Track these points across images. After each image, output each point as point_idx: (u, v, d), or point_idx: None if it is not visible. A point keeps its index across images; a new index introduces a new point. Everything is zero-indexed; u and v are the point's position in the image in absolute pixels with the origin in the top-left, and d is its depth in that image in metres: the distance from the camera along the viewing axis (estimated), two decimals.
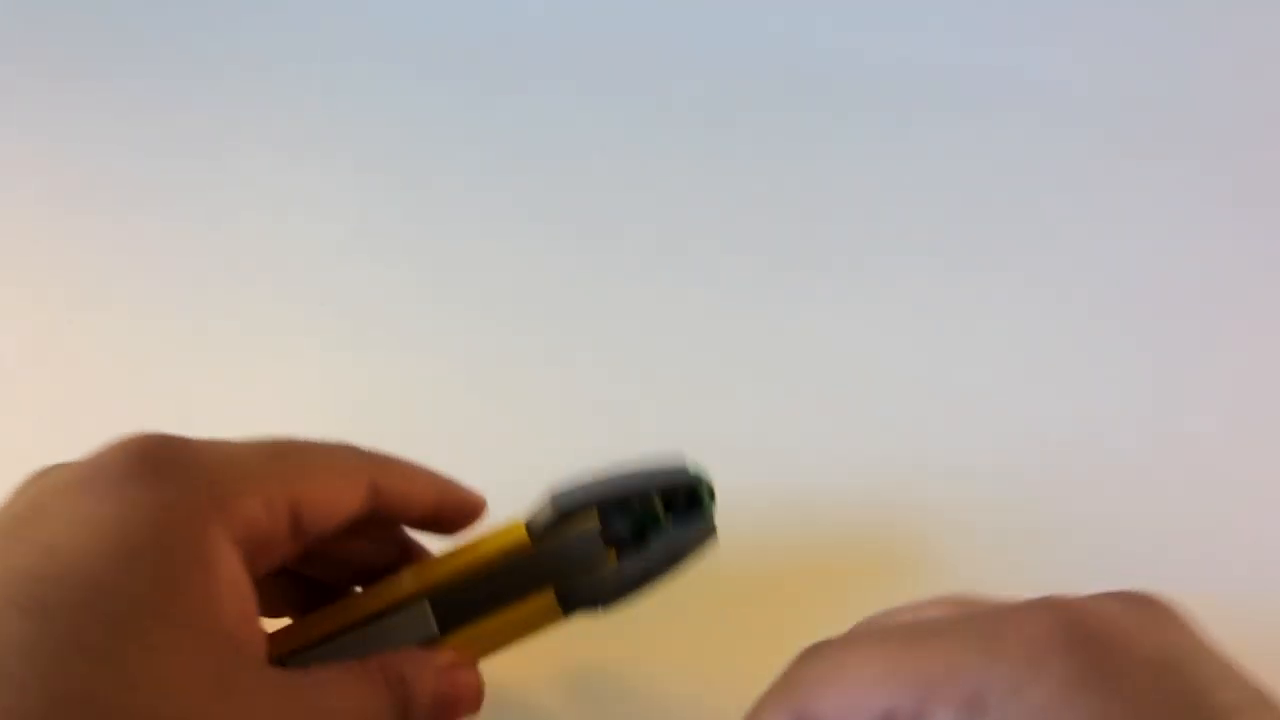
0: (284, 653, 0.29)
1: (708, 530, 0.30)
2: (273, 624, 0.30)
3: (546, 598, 0.29)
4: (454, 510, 0.30)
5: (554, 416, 0.47)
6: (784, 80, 0.68)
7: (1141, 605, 0.22)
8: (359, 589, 0.31)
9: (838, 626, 0.26)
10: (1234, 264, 0.55)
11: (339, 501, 0.27)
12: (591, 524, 0.29)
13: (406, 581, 0.29)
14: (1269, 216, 0.58)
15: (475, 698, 0.28)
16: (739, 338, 0.51)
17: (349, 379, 0.48)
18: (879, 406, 0.47)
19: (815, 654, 0.24)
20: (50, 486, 0.24)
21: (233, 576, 0.23)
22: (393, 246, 0.57)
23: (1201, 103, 0.64)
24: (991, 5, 0.68)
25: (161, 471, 0.24)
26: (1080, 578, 0.26)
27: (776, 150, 0.63)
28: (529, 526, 0.29)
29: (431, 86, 0.68)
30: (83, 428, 0.42)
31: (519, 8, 0.73)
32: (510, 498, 0.44)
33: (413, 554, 0.32)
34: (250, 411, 0.46)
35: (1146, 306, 0.52)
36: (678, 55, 0.69)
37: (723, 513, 0.31)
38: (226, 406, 0.47)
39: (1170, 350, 0.50)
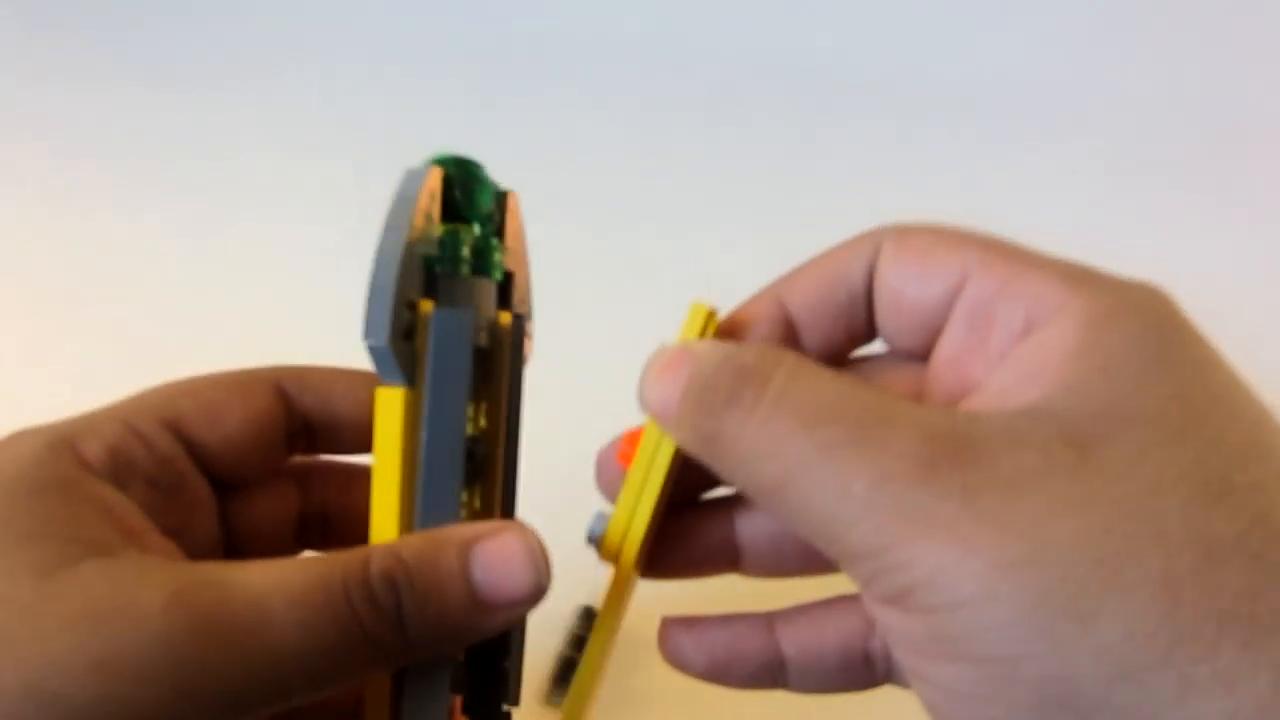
0: None
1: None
2: None
3: None
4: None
5: (553, 416, 0.47)
6: (783, 82, 0.68)
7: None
8: None
9: None
10: (1229, 260, 0.55)
11: (225, 405, 0.25)
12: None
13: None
14: (1265, 216, 0.58)
15: (518, 570, 0.21)
16: None
17: None
18: None
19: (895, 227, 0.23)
20: None
21: (87, 494, 0.22)
22: None
23: (1198, 104, 0.64)
24: (988, 7, 0.68)
25: (12, 438, 0.23)
26: None
27: (775, 151, 0.63)
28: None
29: (431, 86, 0.68)
30: None
31: (519, 9, 0.73)
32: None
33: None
34: None
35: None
36: (677, 56, 0.70)
37: None
38: None
39: None
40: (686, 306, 0.24)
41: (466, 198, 0.25)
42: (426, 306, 0.24)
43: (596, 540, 0.24)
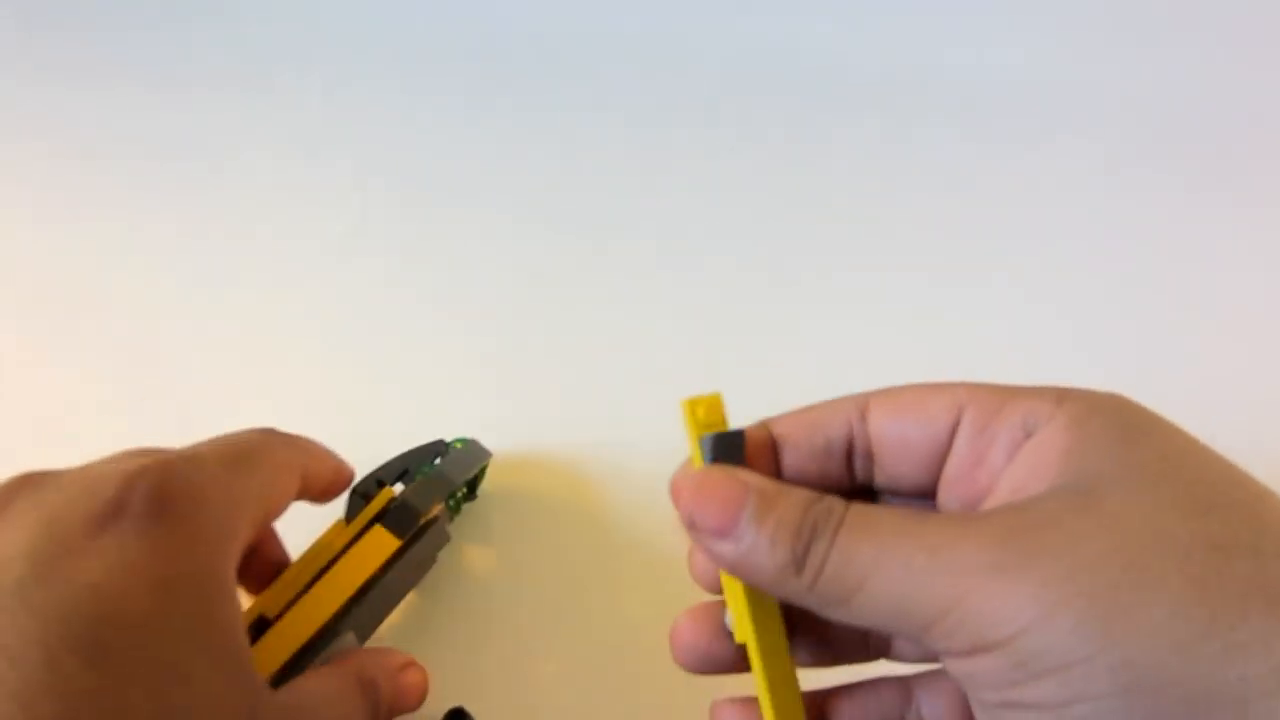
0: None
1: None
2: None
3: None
4: (338, 483, 0.34)
5: (553, 415, 0.47)
6: (782, 82, 0.68)
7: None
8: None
9: None
10: (1229, 261, 0.55)
11: (287, 497, 0.30)
12: (439, 507, 0.37)
13: (324, 599, 0.32)
14: (1265, 216, 0.58)
15: (423, 693, 0.32)
16: (738, 338, 0.51)
17: (348, 378, 0.49)
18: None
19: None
20: (66, 522, 0.25)
21: (238, 601, 0.26)
22: (392, 246, 0.57)
23: (1200, 104, 0.64)
24: (987, 6, 0.68)
25: (179, 509, 0.26)
26: None
27: (776, 153, 0.63)
28: (392, 529, 0.35)
29: (431, 86, 0.68)
30: (82, 428, 0.42)
31: (519, 8, 0.73)
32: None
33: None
34: (249, 410, 0.46)
35: (1143, 304, 0.52)
36: (677, 56, 0.70)
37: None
38: (225, 405, 0.47)
39: (1163, 348, 0.50)
40: (678, 405, 0.28)
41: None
42: (388, 492, 0.36)
43: None
